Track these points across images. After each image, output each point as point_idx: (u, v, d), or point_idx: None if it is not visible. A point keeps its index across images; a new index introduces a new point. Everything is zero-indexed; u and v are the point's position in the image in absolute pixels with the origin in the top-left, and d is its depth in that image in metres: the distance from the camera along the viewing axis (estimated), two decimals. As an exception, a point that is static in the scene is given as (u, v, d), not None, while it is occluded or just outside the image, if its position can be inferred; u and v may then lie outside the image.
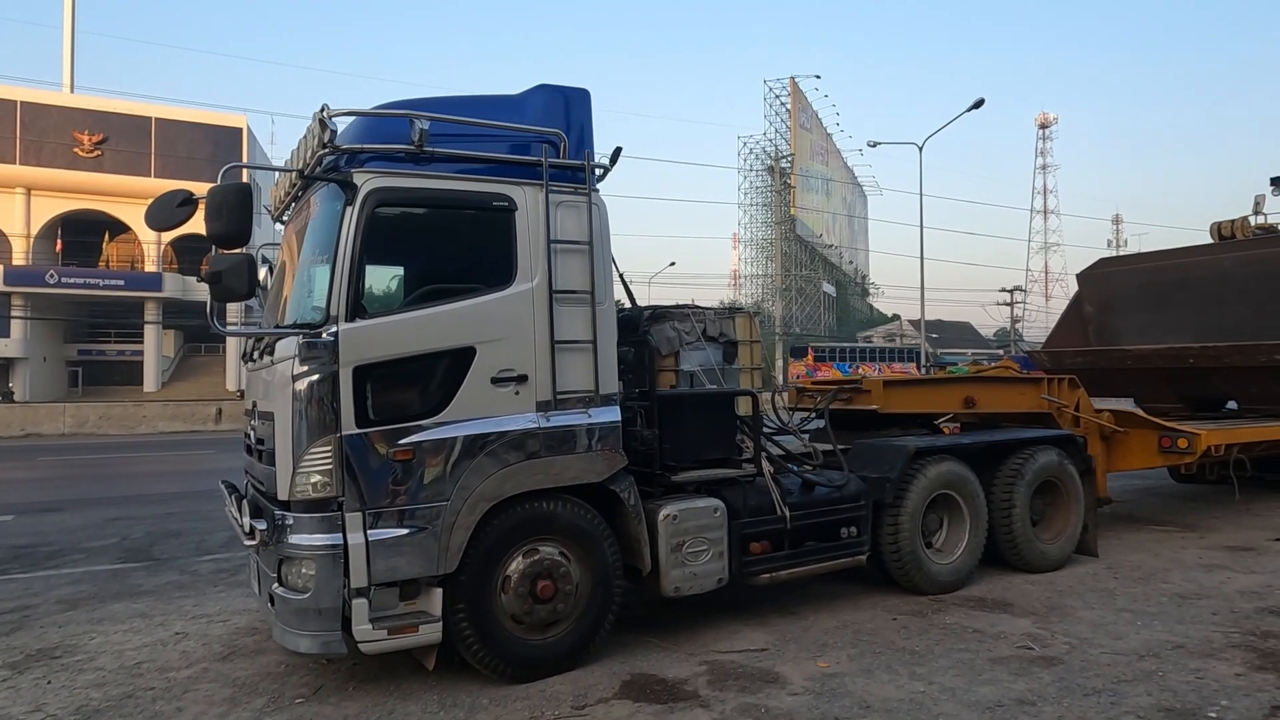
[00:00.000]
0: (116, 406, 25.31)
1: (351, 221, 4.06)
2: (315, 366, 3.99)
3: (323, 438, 3.98)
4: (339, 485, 3.98)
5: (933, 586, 5.81)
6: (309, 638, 4.01)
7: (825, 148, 71.64)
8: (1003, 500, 6.27)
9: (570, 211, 4.59)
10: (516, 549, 4.39)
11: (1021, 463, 6.36)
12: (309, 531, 4.00)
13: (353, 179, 4.10)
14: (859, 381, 6.78)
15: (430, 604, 4.19)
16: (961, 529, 6.06)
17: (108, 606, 6.00)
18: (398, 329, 4.17)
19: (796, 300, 63.41)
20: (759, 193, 66.91)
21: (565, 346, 4.48)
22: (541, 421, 4.42)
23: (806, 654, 4.75)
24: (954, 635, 5.00)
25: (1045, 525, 6.61)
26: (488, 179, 4.42)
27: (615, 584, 4.65)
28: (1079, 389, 7.56)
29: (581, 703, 4.14)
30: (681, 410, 5.14)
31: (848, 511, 5.53)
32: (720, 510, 4.95)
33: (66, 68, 47.23)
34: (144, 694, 4.32)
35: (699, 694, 4.20)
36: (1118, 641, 4.85)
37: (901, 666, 4.51)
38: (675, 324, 6.05)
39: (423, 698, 4.22)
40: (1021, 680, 4.29)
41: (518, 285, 4.42)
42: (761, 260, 67.51)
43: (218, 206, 3.64)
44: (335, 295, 4.01)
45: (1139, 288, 10.45)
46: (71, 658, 4.92)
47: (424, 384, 4.23)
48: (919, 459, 5.85)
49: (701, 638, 5.06)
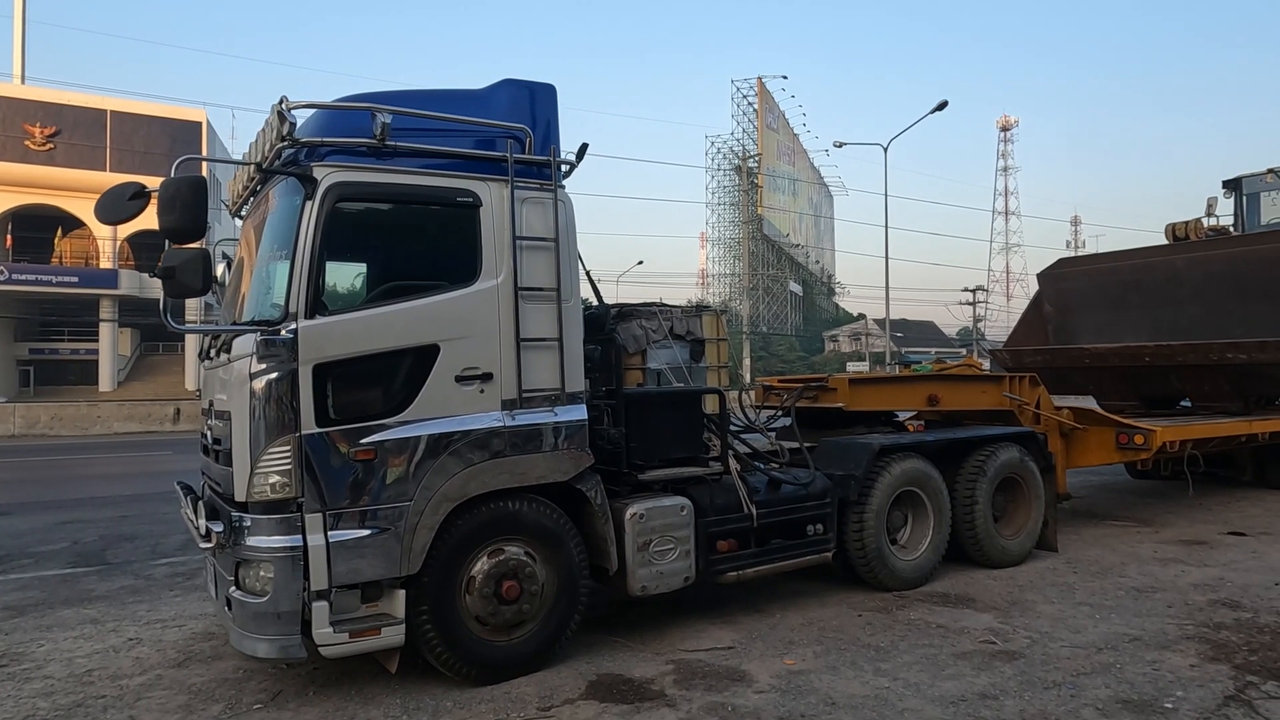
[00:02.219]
0: (69, 407, 24.65)
1: (311, 216, 3.97)
2: (274, 364, 3.90)
3: (281, 437, 3.89)
4: (298, 486, 3.90)
5: (897, 583, 5.85)
6: (267, 642, 3.92)
7: (792, 148, 72.21)
8: (965, 497, 6.34)
9: (536, 208, 4.54)
10: (481, 549, 4.33)
11: (984, 460, 6.44)
12: (267, 533, 3.91)
13: (312, 173, 4.02)
14: (825, 379, 6.82)
15: (393, 606, 4.12)
16: (925, 526, 6.12)
17: (57, 613, 5.82)
18: (359, 326, 4.09)
19: (764, 299, 63.85)
20: (727, 192, 67.28)
21: (531, 344, 4.43)
22: (507, 420, 4.37)
23: (773, 651, 4.75)
24: (918, 631, 5.04)
25: (1007, 521, 6.70)
26: (452, 174, 4.35)
27: (581, 584, 4.62)
28: (1039, 387, 7.67)
29: (547, 704, 4.10)
30: (648, 409, 5.12)
31: (814, 509, 5.55)
32: (687, 509, 4.94)
33: (17, 58, 45.88)
34: (94, 702, 4.20)
35: (665, 693, 4.19)
36: (1077, 635, 4.93)
37: (866, 663, 4.53)
38: (643, 322, 6.03)
39: (385, 702, 4.15)
40: (984, 675, 4.34)
41: (482, 282, 4.36)
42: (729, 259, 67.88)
43: (171, 200, 3.53)
44: (294, 292, 3.93)
45: (1096, 288, 10.65)
46: (18, 666, 4.76)
47: (386, 382, 4.16)
48: (883, 456, 5.89)
49: (668, 637, 5.05)
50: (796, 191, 73.27)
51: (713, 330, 6.37)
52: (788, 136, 71.08)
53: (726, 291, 68.25)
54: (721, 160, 66.88)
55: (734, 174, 64.74)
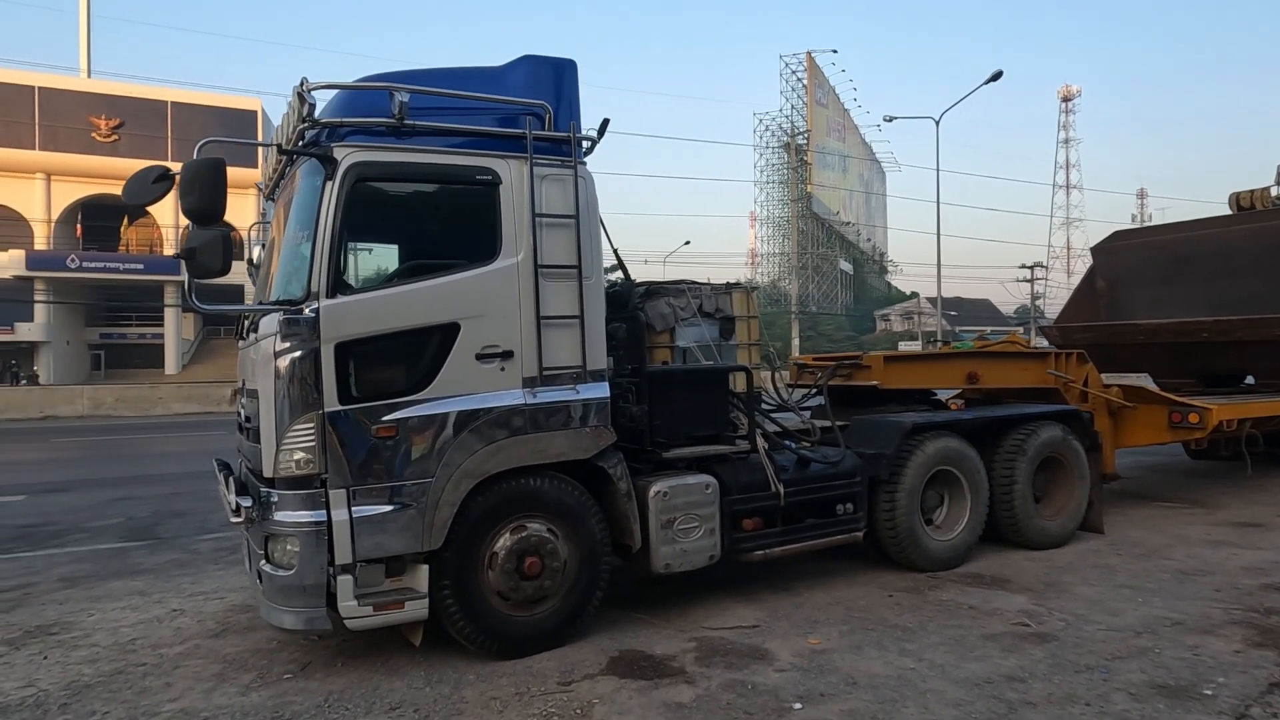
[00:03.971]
0: (132, 388, 25.60)
1: (331, 196, 4.02)
2: (296, 343, 3.97)
3: (305, 415, 3.96)
4: (321, 462, 3.97)
5: (930, 563, 5.75)
6: (293, 614, 4.02)
7: (842, 124, 70.88)
8: (1004, 476, 6.18)
9: (556, 185, 4.52)
10: (503, 526, 4.37)
11: (1023, 438, 6.27)
12: (293, 508, 3.99)
13: (332, 153, 4.06)
14: (859, 357, 6.70)
15: (416, 580, 4.19)
16: (962, 506, 5.99)
17: (107, 584, 6.06)
18: (380, 305, 4.14)
19: (813, 278, 63.05)
20: (775, 170, 66.46)
21: (551, 322, 4.43)
22: (528, 398, 4.38)
23: (797, 630, 4.71)
24: (947, 612, 4.94)
25: (1048, 502, 6.52)
26: (471, 152, 4.36)
27: (603, 561, 4.63)
28: (1087, 364, 7.44)
29: (568, 679, 4.13)
30: (673, 387, 5.08)
31: (843, 488, 5.47)
32: (711, 486, 4.91)
33: (83, 52, 47.43)
34: (135, 670, 4.36)
35: (685, 670, 4.18)
36: (1114, 618, 4.78)
37: (891, 643, 4.46)
38: (670, 300, 6.00)
39: (409, 674, 4.22)
40: (1012, 657, 4.23)
41: (502, 260, 4.36)
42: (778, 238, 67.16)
43: (191, 182, 3.60)
44: (316, 271, 3.98)
45: (1150, 261, 10.24)
46: (67, 634, 4.97)
47: (407, 360, 4.20)
48: (916, 435, 5.77)
49: (692, 614, 5.04)
50: (847, 168, 71.96)
51: (743, 307, 6.31)
52: (838, 112, 69.77)
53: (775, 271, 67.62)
54: (770, 138, 66.08)
55: (783, 151, 63.86)
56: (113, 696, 4.02)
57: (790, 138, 59.95)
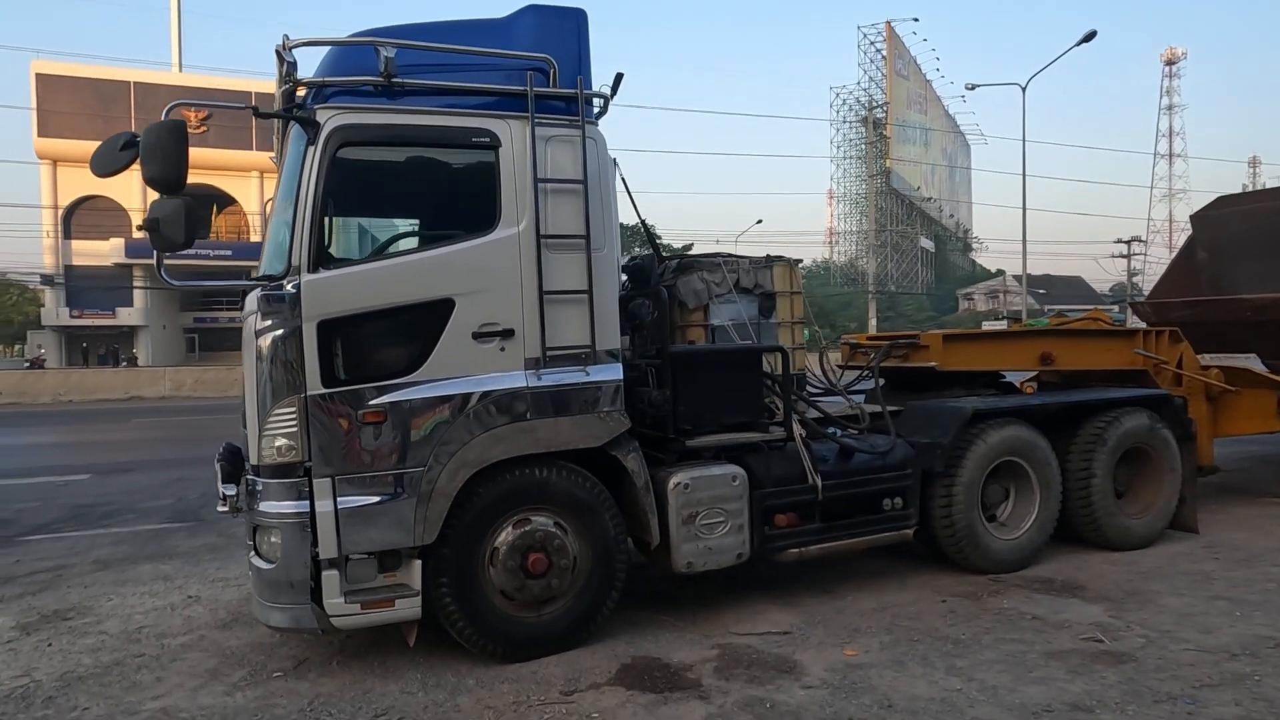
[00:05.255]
0: (210, 370, 26.47)
1: (314, 163, 3.72)
2: (277, 321, 3.70)
3: (286, 398, 3.70)
4: (304, 449, 3.71)
5: (992, 565, 5.17)
6: (279, 611, 3.79)
7: (924, 95, 68.08)
8: (1080, 469, 5.53)
9: (563, 147, 4.12)
10: (506, 519, 4.03)
11: (1104, 427, 5.59)
12: (276, 498, 3.75)
13: (315, 116, 3.75)
14: (916, 336, 6.11)
15: (411, 577, 3.89)
16: (1030, 501, 5.37)
17: (137, 568, 6.01)
18: (366, 280, 3.83)
19: (892, 257, 61.02)
20: (853, 145, 64.35)
21: (556, 297, 4.04)
22: (531, 380, 4.02)
23: (834, 639, 4.24)
24: (1008, 623, 4.38)
25: (1132, 497, 5.83)
26: (467, 112, 3.99)
27: (619, 558, 4.25)
28: (1181, 343, 6.64)
29: (572, 688, 3.78)
30: (699, 369, 4.64)
31: (891, 481, 4.94)
32: (740, 479, 4.46)
33: (175, 48, 49.37)
34: (132, 662, 4.21)
35: (701, 683, 3.77)
36: (1206, 636, 4.14)
37: (939, 658, 3.95)
38: (704, 274, 5.56)
39: (405, 676, 3.94)
40: (1079, 680, 3.67)
41: (502, 230, 4.00)
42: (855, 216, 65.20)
43: (152, 147, 3.35)
44: (297, 244, 3.70)
45: (1259, 230, 9.17)
46: (81, 619, 4.89)
47: (396, 340, 3.90)
48: (977, 423, 5.18)
49: (722, 617, 4.62)
50: (929, 142, 69.18)
51: (785, 283, 5.82)
52: (919, 83, 67.01)
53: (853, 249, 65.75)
54: (847, 112, 63.90)
55: (861, 126, 61.83)
56: (101, 691, 3.86)
57: (868, 111, 57.95)
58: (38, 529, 7.39)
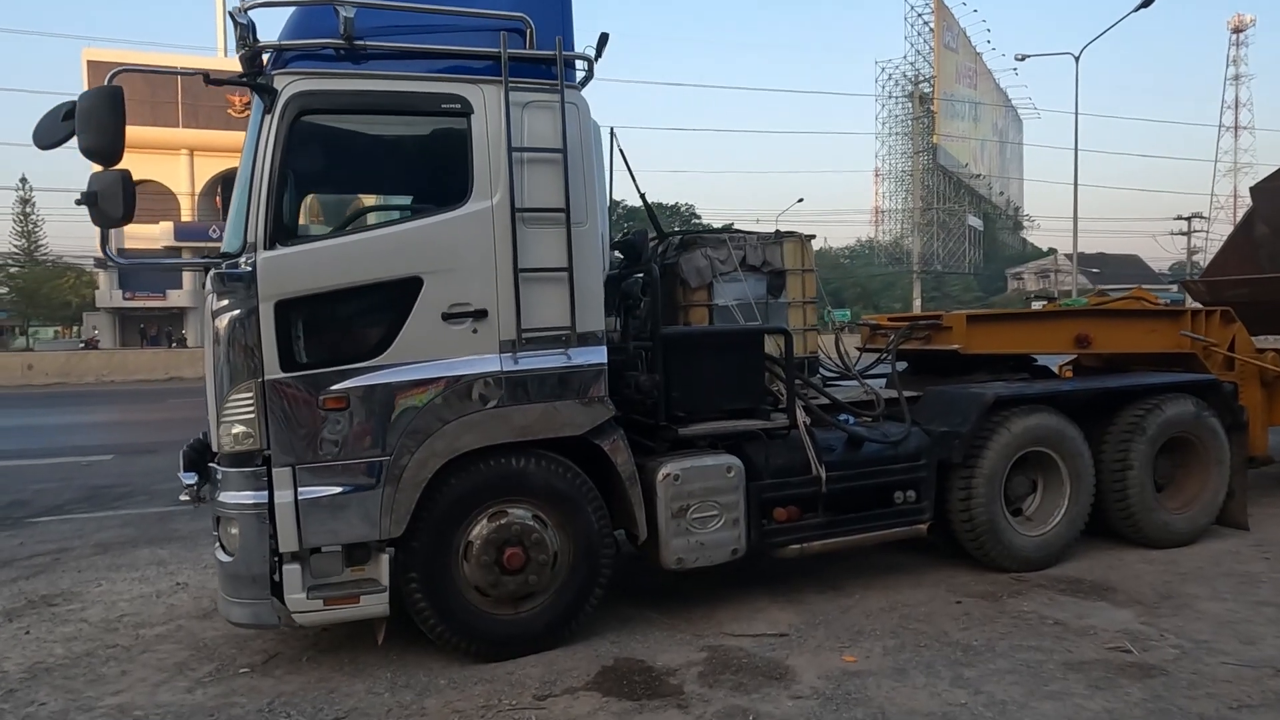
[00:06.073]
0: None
1: (270, 132, 3.49)
2: (233, 301, 3.50)
3: (243, 383, 3.50)
4: (262, 437, 3.51)
5: (1015, 563, 4.81)
6: (240, 606, 3.61)
7: (973, 68, 66.01)
8: (1116, 460, 5.12)
9: (541, 114, 3.83)
10: (480, 511, 3.80)
11: (1143, 415, 5.16)
12: (235, 488, 3.57)
13: (272, 83, 3.52)
14: (939, 317, 5.72)
15: (379, 571, 3.69)
16: (1059, 494, 4.99)
17: (135, 552, 5.95)
18: (327, 257, 3.61)
19: (938, 235, 59.52)
20: (899, 121, 62.77)
21: (533, 275, 3.77)
22: (507, 364, 3.77)
23: (833, 643, 3.94)
24: (1026, 628, 4.03)
25: (1174, 491, 5.40)
26: (436, 77, 3.73)
27: (603, 554, 4.00)
28: (1234, 324, 6.13)
29: (545, 692, 3.55)
30: (693, 351, 4.35)
31: (904, 472, 4.60)
32: (735, 469, 4.17)
33: (220, 33, 49.97)
34: (103, 653, 4.09)
35: (683, 690, 3.51)
36: (1248, 648, 3.75)
37: (946, 667, 3.63)
38: (708, 251, 5.24)
39: (375, 675, 3.75)
40: (1100, 696, 3.32)
41: (474, 203, 3.73)
42: (901, 194, 63.68)
43: (86, 116, 3.14)
44: (253, 219, 3.48)
45: (1328, 200, 8.52)
46: (66, 606, 4.81)
47: (360, 321, 3.68)
48: (1000, 410, 4.80)
49: (717, 615, 4.35)
50: (978, 116, 67.10)
51: (795, 260, 5.46)
52: (968, 56, 64.94)
53: (899, 229, 64.31)
54: (893, 87, 62.30)
55: (907, 102, 60.25)
56: (64, 685, 3.74)
57: (915, 86, 56.42)
58: (50, 510, 7.40)
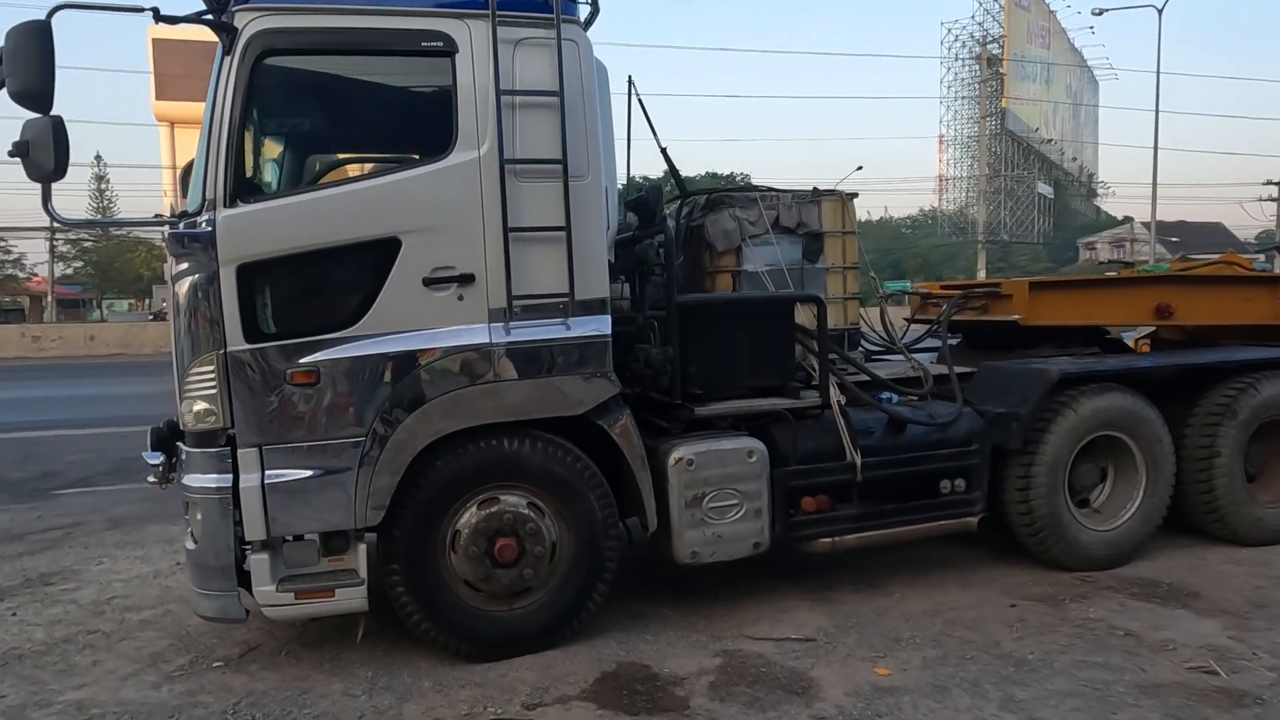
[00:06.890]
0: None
1: (230, 76, 3.13)
2: (192, 264, 3.18)
3: (204, 355, 3.18)
4: (226, 414, 3.19)
5: (1080, 561, 4.27)
6: (207, 598, 3.33)
7: (1047, 28, 62.76)
8: (1201, 446, 4.52)
9: (535, 53, 3.39)
10: (469, 498, 3.44)
11: (1233, 395, 4.54)
12: (198, 470, 3.27)
13: (233, 20, 3.15)
14: (997, 285, 5.13)
15: (358, 562, 3.36)
16: (1132, 485, 4.42)
17: (145, 528, 5.78)
18: (294, 215, 3.24)
19: (1005, 204, 57.14)
20: (965, 85, 60.16)
21: (526, 235, 3.36)
22: (497, 335, 3.37)
23: (866, 651, 3.49)
24: (1091, 640, 3.51)
25: (1267, 482, 4.77)
26: (416, 11, 3.30)
27: (608, 545, 3.61)
28: (1341, 292, 5.39)
29: (536, 700, 3.19)
30: (713, 322, 3.89)
31: (952, 458, 4.09)
32: (757, 454, 3.72)
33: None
34: (81, 639, 3.88)
35: (689, 704, 3.11)
36: (1362, 674, 3.17)
37: (995, 685, 3.15)
38: (736, 212, 4.74)
39: (354, 675, 3.44)
40: (1180, 731, 2.81)
41: (459, 154, 3.32)
42: (966, 161, 61.24)
43: (13, 53, 2.80)
44: (211, 173, 3.13)
45: None
46: (60, 586, 4.65)
47: (331, 287, 3.34)
48: (1066, 389, 4.24)
49: (739, 614, 3.93)
50: (1051, 78, 63.87)
51: (835, 221, 4.92)
52: (1041, 14, 61.71)
53: (963, 197, 61.99)
54: (960, 49, 59.66)
55: (974, 64, 57.68)
56: (32, 675, 3.53)
57: (983, 47, 53.92)
58: (77, 482, 7.37)
